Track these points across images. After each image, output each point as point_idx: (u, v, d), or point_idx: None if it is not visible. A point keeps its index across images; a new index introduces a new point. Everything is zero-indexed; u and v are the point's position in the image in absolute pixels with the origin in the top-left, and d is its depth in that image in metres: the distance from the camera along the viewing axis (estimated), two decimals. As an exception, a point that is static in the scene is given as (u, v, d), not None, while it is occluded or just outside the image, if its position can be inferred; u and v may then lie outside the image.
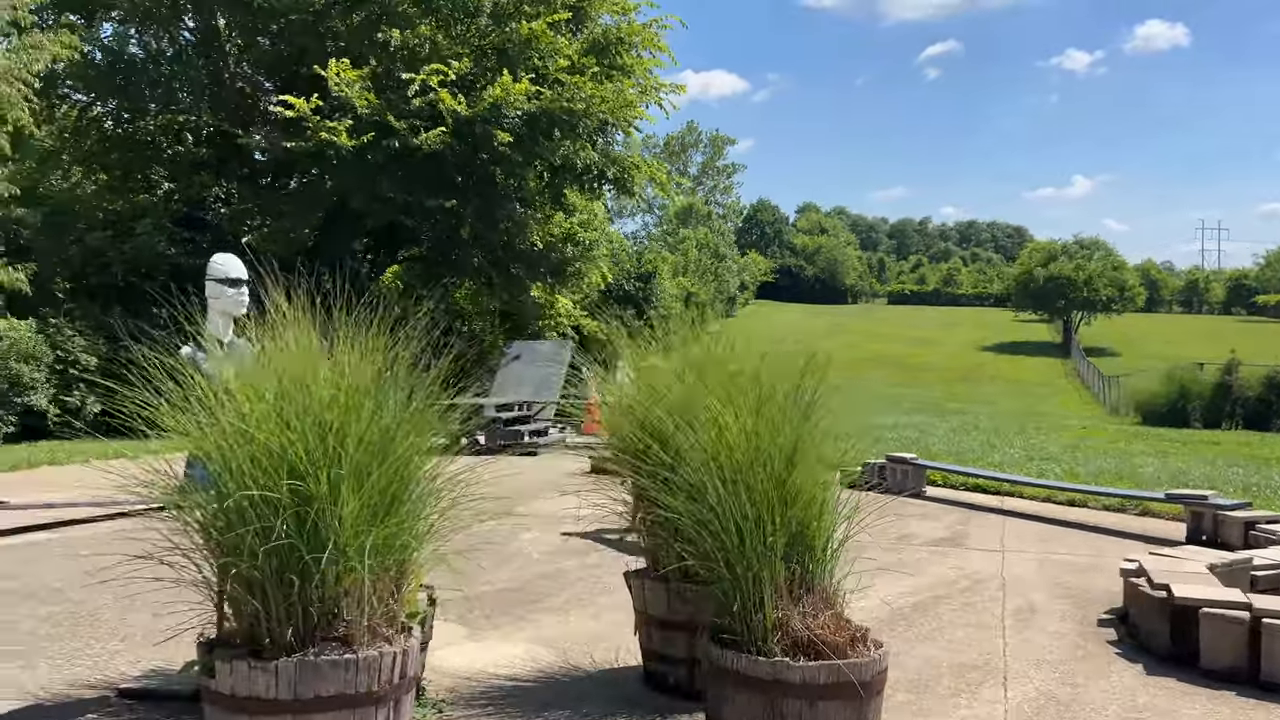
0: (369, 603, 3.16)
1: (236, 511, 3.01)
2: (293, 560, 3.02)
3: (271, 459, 3.02)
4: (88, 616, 5.31)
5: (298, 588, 3.03)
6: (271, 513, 3.00)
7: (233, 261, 4.43)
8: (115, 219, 17.56)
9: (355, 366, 3.29)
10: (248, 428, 3.06)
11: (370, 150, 17.18)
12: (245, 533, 2.97)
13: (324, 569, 3.05)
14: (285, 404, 3.16)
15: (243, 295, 4.37)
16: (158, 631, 5.05)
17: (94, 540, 7.35)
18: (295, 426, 3.08)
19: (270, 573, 3.00)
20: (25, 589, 5.83)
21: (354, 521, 3.10)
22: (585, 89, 18.15)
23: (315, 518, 3.03)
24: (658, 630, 4.27)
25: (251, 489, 2.98)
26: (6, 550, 6.90)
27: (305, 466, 3.03)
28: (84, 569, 6.36)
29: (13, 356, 13.88)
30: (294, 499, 3.00)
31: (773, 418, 3.58)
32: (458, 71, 17.64)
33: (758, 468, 3.47)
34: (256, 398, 3.19)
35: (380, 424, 3.23)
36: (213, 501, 3.13)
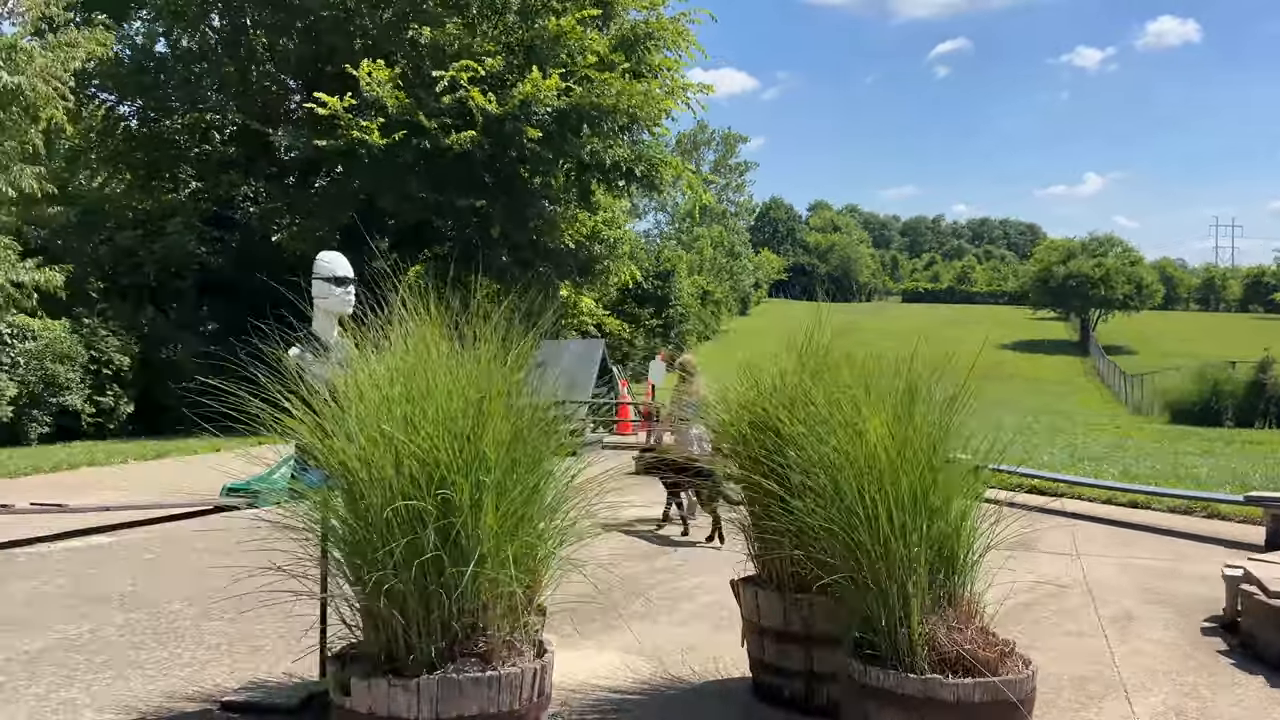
0: (510, 616, 3.03)
1: (382, 521, 2.86)
2: (436, 572, 2.88)
3: (420, 467, 2.88)
4: (168, 624, 5.19)
5: (441, 601, 2.89)
6: (418, 523, 2.85)
7: (339, 259, 4.28)
8: (145, 218, 17.49)
9: (484, 369, 3.15)
10: (396, 434, 2.90)
11: (400, 150, 17.07)
12: (395, 544, 2.82)
13: (466, 582, 2.91)
14: (417, 409, 3.01)
15: (349, 294, 4.23)
16: (243, 639, 4.93)
17: (154, 542, 7.25)
18: (432, 433, 2.94)
19: (414, 585, 2.86)
20: (97, 594, 5.72)
21: (496, 531, 2.96)
22: (614, 84, 18.02)
23: (460, 528, 2.89)
24: (772, 642, 4.13)
25: (397, 498, 2.84)
26: (70, 554, 6.79)
27: (451, 474, 2.89)
28: (149, 572, 6.26)
29: (48, 357, 13.81)
30: (441, 508, 2.86)
31: (918, 422, 3.43)
32: (488, 69, 17.51)
33: (902, 473, 3.32)
34: (388, 402, 3.04)
35: (515, 428, 3.09)
36: (350, 510, 2.97)
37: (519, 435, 3.07)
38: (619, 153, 19.55)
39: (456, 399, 3.00)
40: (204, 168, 19.83)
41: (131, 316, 15.87)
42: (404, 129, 16.89)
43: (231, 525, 8.14)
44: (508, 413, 3.06)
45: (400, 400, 3.01)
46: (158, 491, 9.74)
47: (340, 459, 2.97)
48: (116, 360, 14.97)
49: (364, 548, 2.92)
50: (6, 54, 12.20)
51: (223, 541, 7.56)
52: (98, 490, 9.70)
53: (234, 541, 7.37)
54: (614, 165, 19.66)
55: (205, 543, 7.34)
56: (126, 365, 15.10)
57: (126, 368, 15.10)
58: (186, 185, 19.87)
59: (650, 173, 20.37)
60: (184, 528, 7.90)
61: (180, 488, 10.09)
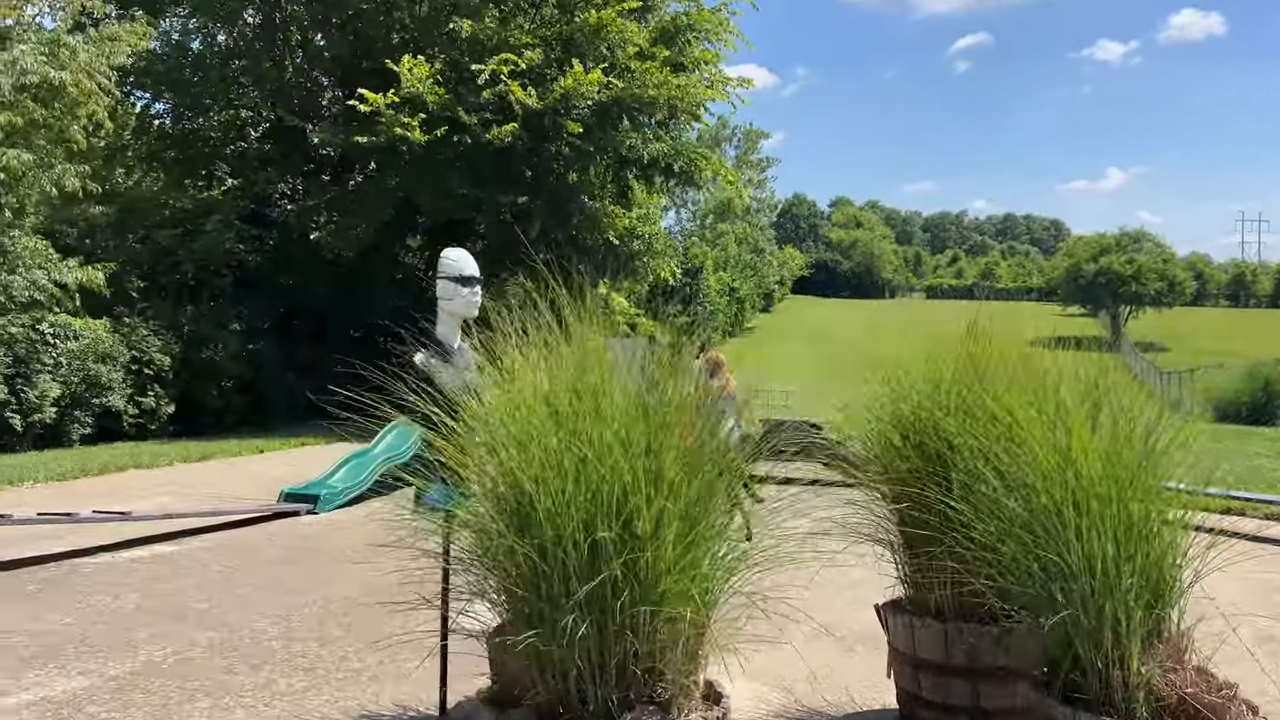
0: (688, 658, 2.69)
1: (560, 552, 2.52)
2: (615, 608, 2.55)
3: (608, 490, 2.53)
4: (254, 644, 4.89)
5: (623, 644, 2.55)
6: (601, 555, 2.51)
7: (465, 258, 3.95)
8: (183, 216, 17.28)
9: (662, 381, 2.81)
10: (585, 451, 2.56)
11: (440, 146, 16.79)
12: (583, 582, 2.48)
13: (649, 620, 2.57)
14: (589, 423, 2.67)
15: (476, 295, 3.90)
16: (337, 664, 4.62)
17: (220, 552, 6.97)
18: (612, 452, 2.60)
19: (594, 626, 2.52)
20: (173, 610, 5.43)
21: (679, 562, 2.62)
22: (656, 76, 17.68)
23: (643, 560, 2.55)
24: (930, 675, 3.77)
25: (577, 525, 2.50)
26: (137, 565, 6.52)
27: (634, 498, 2.54)
28: (222, 586, 5.97)
29: (90, 357, 13.60)
30: (624, 536, 2.52)
31: (1120, 436, 3.07)
32: (528, 62, 17.20)
33: (1111, 494, 2.96)
34: (558, 416, 2.70)
35: (693, 449, 2.75)
36: (521, 538, 2.62)
37: (698, 453, 2.73)
38: (658, 148, 19.21)
39: (634, 413, 2.66)
40: (240, 165, 19.63)
41: (171, 316, 15.66)
42: (444, 125, 16.60)
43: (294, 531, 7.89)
44: (688, 427, 2.72)
45: (573, 415, 2.67)
46: (210, 495, 9.49)
47: (510, 480, 2.62)
48: (157, 360, 14.75)
49: (536, 582, 2.57)
50: (49, 49, 11.98)
51: (289, 551, 7.29)
52: (149, 493, 9.46)
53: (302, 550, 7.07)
54: (653, 160, 19.32)
55: (272, 551, 7.07)
56: (167, 365, 14.88)
57: (167, 368, 14.89)
58: (222, 183, 19.67)
59: (689, 168, 20.02)
60: (247, 535, 7.62)
61: (234, 492, 9.85)
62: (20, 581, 6.01)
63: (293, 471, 11.34)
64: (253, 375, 16.57)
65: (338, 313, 18.69)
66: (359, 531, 8.01)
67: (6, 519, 6.23)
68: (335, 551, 7.17)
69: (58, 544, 6.93)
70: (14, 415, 12.34)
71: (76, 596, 5.68)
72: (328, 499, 8.72)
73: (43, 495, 9.56)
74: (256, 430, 15.71)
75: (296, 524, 8.18)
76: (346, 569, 6.53)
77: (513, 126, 16.67)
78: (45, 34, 12.37)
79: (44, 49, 11.79)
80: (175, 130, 20.08)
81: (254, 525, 8.02)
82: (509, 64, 16.86)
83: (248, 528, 7.92)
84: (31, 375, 12.64)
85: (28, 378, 12.60)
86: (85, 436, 13.80)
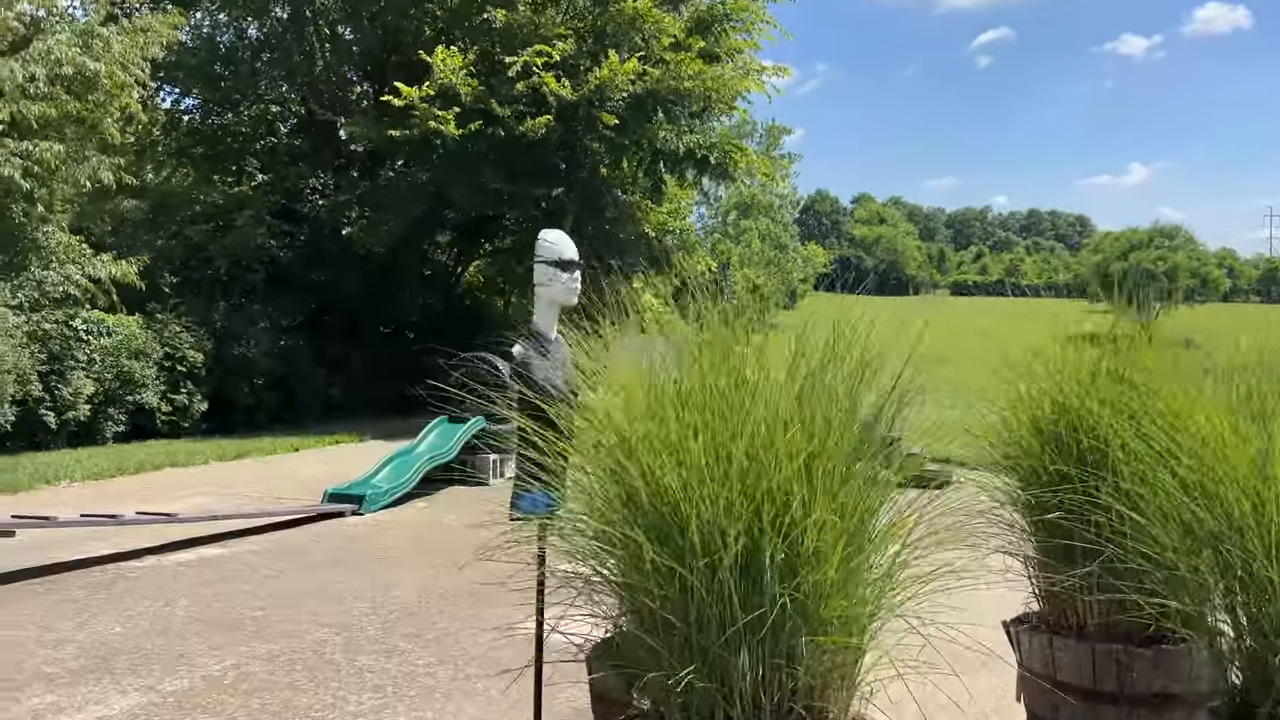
0: (847, 689, 2.35)
1: (709, 567, 2.18)
2: (776, 636, 2.21)
3: (759, 499, 2.19)
4: (317, 657, 4.59)
5: (782, 679, 2.21)
6: (759, 575, 2.17)
7: (565, 240, 3.62)
8: (215, 211, 17.08)
9: (819, 371, 2.46)
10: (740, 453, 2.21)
11: (474, 139, 16.49)
12: (726, 597, 2.15)
13: (811, 650, 2.23)
14: (737, 428, 2.33)
15: (576, 281, 3.57)
16: (406, 679, 4.31)
17: (267, 555, 6.70)
18: (765, 460, 2.25)
19: (753, 658, 2.18)
20: (227, 619, 5.15)
21: (840, 582, 2.28)
22: (691, 67, 17.33)
23: (804, 581, 2.21)
24: (1072, 700, 3.41)
25: (730, 538, 2.15)
26: (184, 569, 6.24)
27: (793, 513, 2.20)
28: (274, 592, 5.68)
29: (123, 353, 13.39)
30: (789, 554, 2.19)
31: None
32: (561, 53, 16.88)
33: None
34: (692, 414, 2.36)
35: (848, 453, 2.40)
36: (667, 554, 2.27)
37: (851, 460, 2.38)
38: (693, 139, 18.85)
39: (791, 411, 2.32)
40: (270, 160, 19.43)
41: (203, 312, 15.45)
42: (478, 118, 16.31)
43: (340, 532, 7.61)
44: (845, 432, 2.38)
45: (724, 413, 2.32)
46: (249, 494, 9.24)
47: (654, 488, 2.27)
48: (190, 357, 14.54)
49: (685, 605, 2.23)
50: (83, 40, 11.77)
51: (337, 553, 7.01)
52: (188, 493, 9.21)
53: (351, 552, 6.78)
54: (687, 153, 18.96)
55: (320, 554, 6.80)
56: (200, 362, 14.67)
57: (200, 364, 14.68)
58: (252, 179, 19.46)
59: (723, 160, 19.65)
60: (294, 537, 7.35)
61: (272, 491, 9.60)
62: (66, 586, 5.75)
63: (328, 470, 11.10)
64: (284, 372, 16.34)
65: (368, 309, 18.45)
66: (406, 532, 7.73)
67: (51, 521, 5.97)
68: (384, 553, 6.89)
69: (102, 546, 6.68)
70: (48, 412, 12.14)
71: (125, 603, 5.41)
72: (373, 499, 8.44)
73: (80, 494, 9.35)
74: (289, 428, 15.49)
75: (342, 525, 7.90)
76: (399, 572, 6.25)
77: (547, 118, 16.36)
78: (79, 25, 12.17)
79: (77, 40, 11.58)
80: (204, 126, 19.91)
81: (299, 526, 7.75)
82: (542, 55, 16.56)
83: (293, 529, 7.65)
84: (65, 372, 12.44)
85: (61, 374, 12.40)
86: (118, 434, 13.60)
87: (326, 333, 17.86)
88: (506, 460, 10.68)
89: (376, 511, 8.43)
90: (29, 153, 11.07)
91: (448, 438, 10.00)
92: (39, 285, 12.12)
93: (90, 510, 7.59)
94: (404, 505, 8.83)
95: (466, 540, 7.41)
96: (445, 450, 9.73)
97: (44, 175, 11.40)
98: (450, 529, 7.95)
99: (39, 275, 12.11)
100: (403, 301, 19.09)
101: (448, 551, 6.97)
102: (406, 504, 8.88)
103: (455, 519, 8.37)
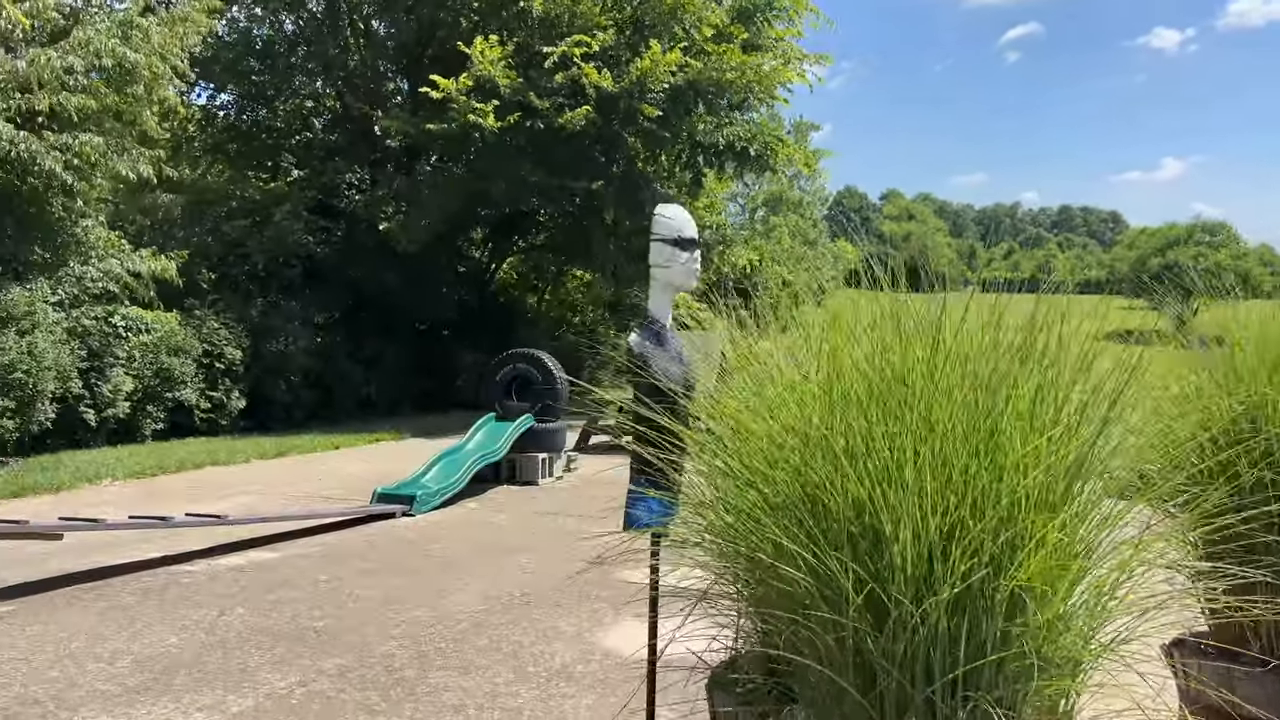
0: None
1: (909, 597, 1.81)
2: (988, 679, 1.84)
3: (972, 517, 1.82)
4: (388, 673, 4.26)
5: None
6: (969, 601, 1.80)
7: (684, 216, 3.26)
8: (252, 207, 16.89)
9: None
10: (953, 459, 1.85)
11: (513, 132, 16.19)
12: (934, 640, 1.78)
13: (1023, 694, 1.86)
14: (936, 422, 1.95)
15: (697, 262, 3.21)
16: (489, 699, 3.95)
17: (321, 559, 6.40)
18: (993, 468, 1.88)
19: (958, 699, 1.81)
20: (288, 629, 4.84)
21: (1064, 616, 1.91)
22: (734, 58, 16.93)
23: (1027, 613, 1.84)
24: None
25: (941, 563, 1.78)
26: (237, 574, 5.95)
27: (1018, 529, 1.83)
28: (334, 601, 5.37)
29: (162, 350, 13.20)
30: (1004, 582, 1.81)
31: None
32: (601, 44, 16.54)
33: None
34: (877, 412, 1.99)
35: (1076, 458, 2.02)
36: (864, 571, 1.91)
37: (1081, 463, 2.00)
38: (734, 131, 18.44)
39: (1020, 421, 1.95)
40: (305, 156, 19.24)
41: (240, 308, 15.26)
42: (517, 110, 16.01)
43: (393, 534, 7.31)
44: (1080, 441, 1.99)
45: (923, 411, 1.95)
46: (294, 494, 8.97)
47: (838, 502, 1.91)
48: (229, 354, 14.35)
49: (881, 643, 1.86)
50: (123, 31, 11.57)
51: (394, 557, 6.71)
52: (232, 493, 8.96)
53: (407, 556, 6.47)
54: (727, 145, 18.56)
55: (376, 558, 6.49)
56: (238, 359, 14.47)
57: (238, 361, 14.48)
58: (287, 174, 19.28)
59: (764, 152, 19.22)
60: (347, 540, 7.05)
61: (316, 490, 9.32)
62: (115, 592, 5.48)
63: (370, 468, 10.83)
64: (321, 369, 16.13)
65: (404, 306, 18.21)
66: (459, 533, 7.42)
67: (100, 523, 5.70)
68: (441, 557, 6.57)
69: (150, 549, 6.42)
70: (88, 410, 11.96)
71: (179, 611, 5.12)
72: (423, 500, 8.14)
73: (122, 493, 9.13)
74: (326, 425, 15.28)
75: (394, 527, 7.60)
76: (460, 577, 5.94)
77: (586, 109, 16.03)
78: (117, 15, 11.96)
79: (116, 30, 11.37)
80: (239, 122, 19.77)
81: (350, 528, 7.46)
82: (581, 45, 16.22)
83: (345, 531, 7.36)
84: (105, 369, 12.26)
85: (101, 371, 12.22)
86: (157, 432, 13.42)
87: (362, 329, 17.64)
88: (555, 459, 10.36)
89: (427, 512, 8.13)
90: (69, 145, 10.88)
91: (496, 436, 9.69)
92: (79, 281, 11.94)
93: (135, 510, 7.34)
94: (454, 506, 8.53)
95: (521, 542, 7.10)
96: (495, 449, 9.41)
97: (84, 169, 11.20)
98: (503, 530, 7.64)
99: (78, 271, 11.92)
100: (438, 298, 18.82)
101: (506, 554, 6.65)
102: (456, 504, 8.58)
103: (507, 520, 8.06)
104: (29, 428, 10.67)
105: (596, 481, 10.30)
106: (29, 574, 5.72)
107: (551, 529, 7.71)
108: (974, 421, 1.95)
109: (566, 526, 7.81)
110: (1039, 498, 1.90)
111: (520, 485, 9.76)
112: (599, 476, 10.68)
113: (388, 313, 18.05)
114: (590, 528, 7.64)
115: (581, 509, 8.53)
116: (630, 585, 5.79)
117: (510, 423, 9.88)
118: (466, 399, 18.75)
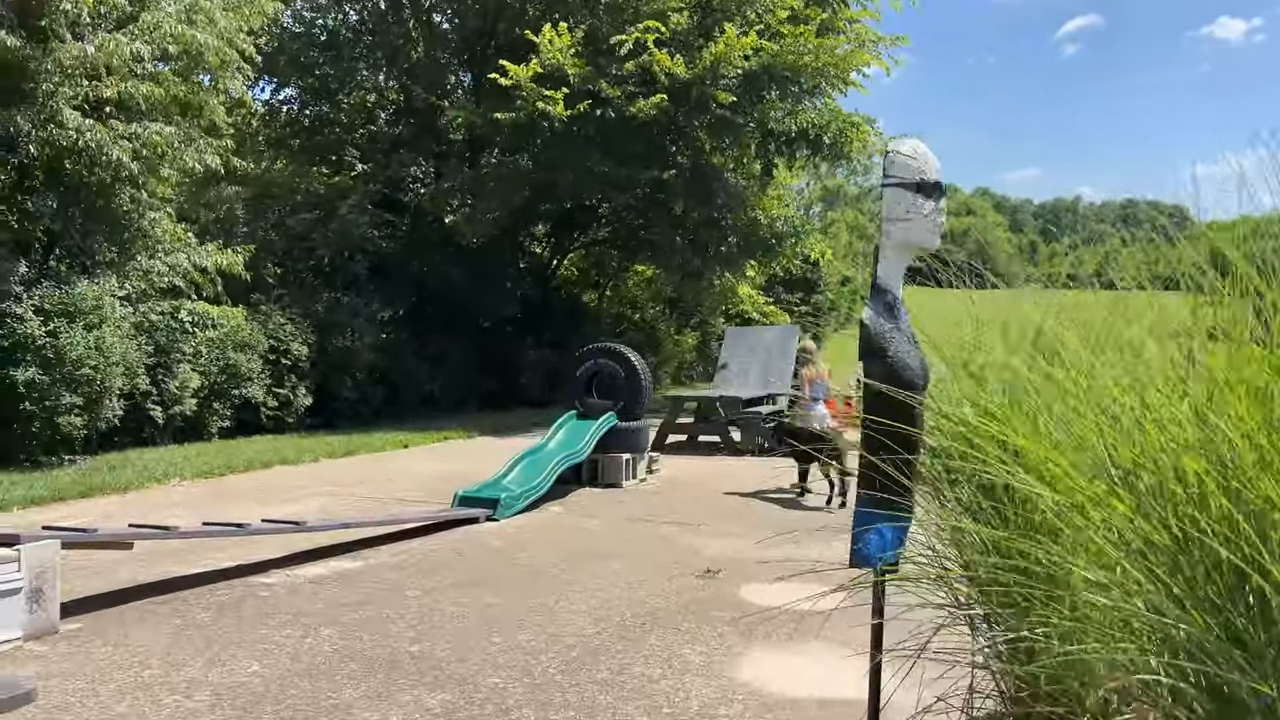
0: None
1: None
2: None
3: None
4: (498, 709, 3.68)
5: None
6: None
7: (927, 155, 2.62)
8: (318, 200, 16.57)
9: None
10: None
11: (581, 121, 15.64)
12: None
13: None
14: None
15: (942, 214, 2.57)
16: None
17: (407, 569, 5.85)
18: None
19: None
20: (381, 654, 4.29)
21: None
22: (810, 41, 16.16)
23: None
24: None
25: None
26: (319, 587, 5.43)
27: None
28: (427, 619, 4.80)
29: (228, 346, 12.87)
30: None
31: None
32: (674, 27, 15.91)
33: None
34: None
35: None
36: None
37: None
38: (807, 117, 17.66)
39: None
40: (369, 149, 18.91)
41: (306, 303, 14.92)
42: (586, 99, 15.45)
43: (480, 542, 6.74)
44: None
45: None
46: (368, 496, 8.49)
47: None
48: (295, 350, 14.00)
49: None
50: (188, 15, 11.22)
51: (485, 568, 6.15)
52: (303, 494, 8.51)
53: (499, 567, 5.88)
54: (800, 132, 17.78)
55: (466, 569, 5.94)
56: (304, 355, 14.11)
57: (304, 357, 14.12)
58: (352, 168, 18.97)
59: (839, 139, 18.40)
60: (432, 548, 6.51)
61: (388, 491, 8.83)
62: (189, 607, 4.98)
63: (442, 468, 10.35)
64: (387, 365, 15.73)
65: (467, 302, 17.76)
66: (548, 540, 6.86)
67: (172, 531, 5.23)
68: (534, 568, 6.00)
69: (224, 557, 5.94)
70: (155, 407, 11.66)
71: (259, 630, 4.60)
72: (507, 504, 7.58)
73: (190, 494, 8.74)
74: (392, 423, 14.87)
75: (479, 533, 7.06)
76: (560, 592, 5.37)
77: (660, 98, 15.40)
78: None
79: (183, 14, 11.03)
80: (302, 116, 19.54)
81: (433, 534, 6.93)
82: (653, 31, 15.60)
83: (428, 536, 6.83)
84: (171, 365, 11.95)
85: (168, 367, 11.91)
86: (224, 430, 13.11)
87: (427, 325, 17.25)
88: (638, 460, 9.76)
89: (512, 516, 7.58)
90: (137, 135, 10.55)
91: (579, 435, 9.11)
92: (146, 275, 11.64)
93: (205, 512, 6.91)
94: (537, 510, 7.97)
95: (613, 549, 6.44)
96: (579, 450, 8.84)
97: (153, 159, 10.87)
98: (595, 536, 7.06)
99: (145, 265, 11.61)
100: (501, 294, 18.36)
101: (600, 562, 6.07)
102: (539, 508, 8.02)
103: (599, 526, 7.47)
104: (97, 425, 10.36)
105: (682, 483, 9.68)
106: (98, 585, 5.26)
107: (645, 535, 7.10)
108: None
109: (660, 532, 7.21)
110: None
111: (603, 487, 9.19)
112: (684, 477, 10.06)
113: (452, 308, 17.64)
114: (690, 538, 7.05)
115: (674, 514, 7.92)
116: (751, 605, 5.16)
117: (593, 421, 9.31)
118: (532, 396, 18.29)
